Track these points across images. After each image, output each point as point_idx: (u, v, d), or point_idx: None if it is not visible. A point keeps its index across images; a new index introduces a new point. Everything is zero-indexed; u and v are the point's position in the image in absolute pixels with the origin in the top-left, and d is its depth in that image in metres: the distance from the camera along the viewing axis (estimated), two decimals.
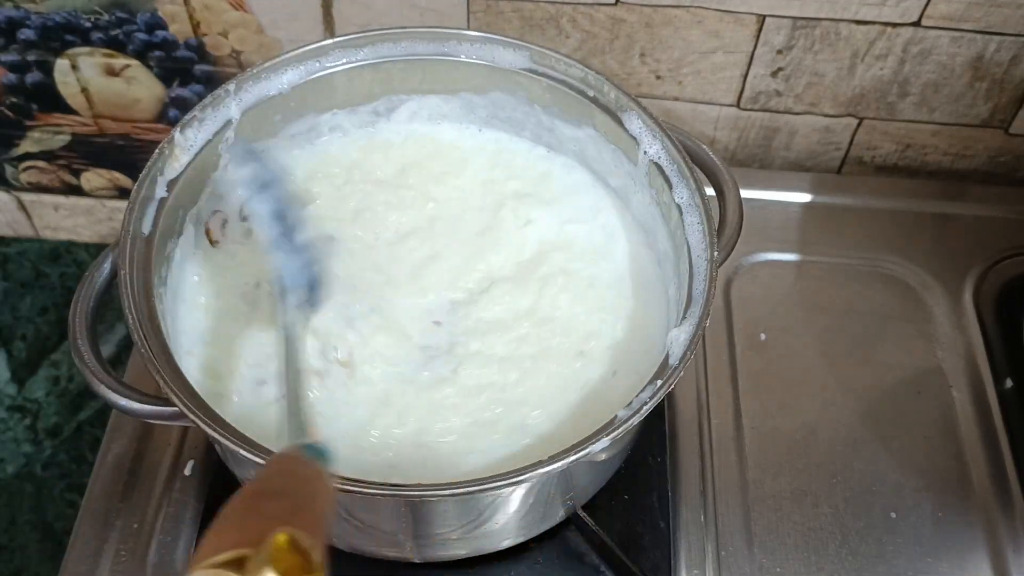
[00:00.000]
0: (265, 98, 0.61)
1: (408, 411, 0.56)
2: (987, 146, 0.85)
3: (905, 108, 0.82)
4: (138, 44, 0.81)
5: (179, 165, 0.57)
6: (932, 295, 0.76)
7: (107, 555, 0.61)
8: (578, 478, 0.57)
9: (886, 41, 0.76)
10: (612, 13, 0.75)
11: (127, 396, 0.50)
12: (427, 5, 0.76)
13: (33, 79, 0.84)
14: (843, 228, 0.80)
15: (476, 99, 0.66)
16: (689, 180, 0.57)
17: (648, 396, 0.48)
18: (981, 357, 0.73)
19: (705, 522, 0.64)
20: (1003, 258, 0.78)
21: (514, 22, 0.76)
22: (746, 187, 0.64)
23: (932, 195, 0.83)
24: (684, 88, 0.81)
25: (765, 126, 0.84)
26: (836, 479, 0.67)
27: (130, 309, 0.50)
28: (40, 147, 0.91)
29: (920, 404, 0.70)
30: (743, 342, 0.73)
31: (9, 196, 0.97)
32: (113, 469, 0.65)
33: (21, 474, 0.94)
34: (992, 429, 0.69)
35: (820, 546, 0.64)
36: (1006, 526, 0.65)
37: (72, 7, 0.78)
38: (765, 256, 0.78)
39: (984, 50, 0.76)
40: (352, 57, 0.63)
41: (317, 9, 0.77)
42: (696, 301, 0.53)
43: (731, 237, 0.58)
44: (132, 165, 0.92)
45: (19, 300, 1.00)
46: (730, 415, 0.69)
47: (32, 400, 0.98)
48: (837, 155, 0.87)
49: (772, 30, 0.76)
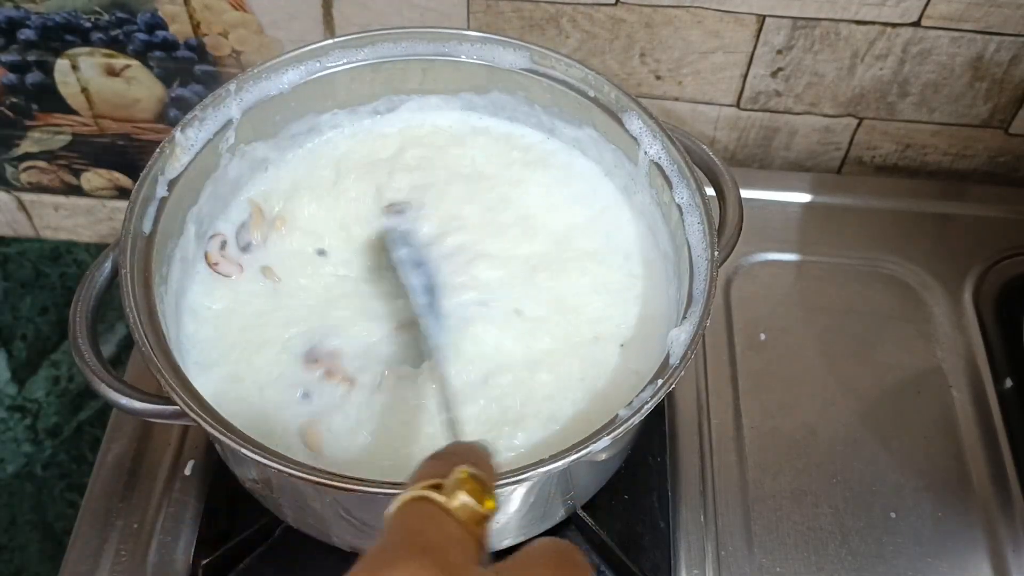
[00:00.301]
0: (265, 98, 0.61)
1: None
2: (987, 146, 0.85)
3: (905, 108, 0.82)
4: (138, 44, 0.81)
5: (180, 165, 0.57)
6: (932, 295, 0.76)
7: (107, 555, 0.61)
8: (578, 478, 0.57)
9: (886, 41, 0.76)
10: (612, 13, 0.75)
11: (128, 395, 0.50)
12: (427, 5, 0.76)
13: (33, 79, 0.84)
14: (843, 228, 0.80)
15: (476, 99, 0.66)
16: (689, 180, 0.57)
17: (648, 396, 0.48)
18: (981, 357, 0.73)
19: (705, 522, 0.64)
20: (1003, 258, 0.78)
21: (514, 22, 0.76)
22: (746, 187, 0.64)
23: (932, 195, 0.83)
24: (684, 88, 0.81)
25: (765, 126, 0.84)
26: (836, 479, 0.67)
27: (130, 308, 0.50)
28: (40, 147, 0.91)
29: (920, 404, 0.71)
30: (743, 342, 0.73)
31: (9, 196, 0.97)
32: (113, 469, 0.65)
33: (21, 474, 0.94)
34: (992, 429, 0.69)
35: (820, 546, 0.64)
36: (1006, 526, 0.65)
37: (72, 7, 0.78)
38: (765, 256, 0.78)
39: (984, 50, 0.76)
40: (352, 57, 0.63)
41: (317, 9, 0.77)
42: (696, 301, 0.53)
43: (731, 237, 0.58)
44: (132, 165, 0.92)
45: (19, 300, 1.00)
46: (730, 415, 0.69)
47: (32, 400, 0.97)
48: (837, 155, 0.87)
49: (772, 30, 0.76)
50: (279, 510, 0.58)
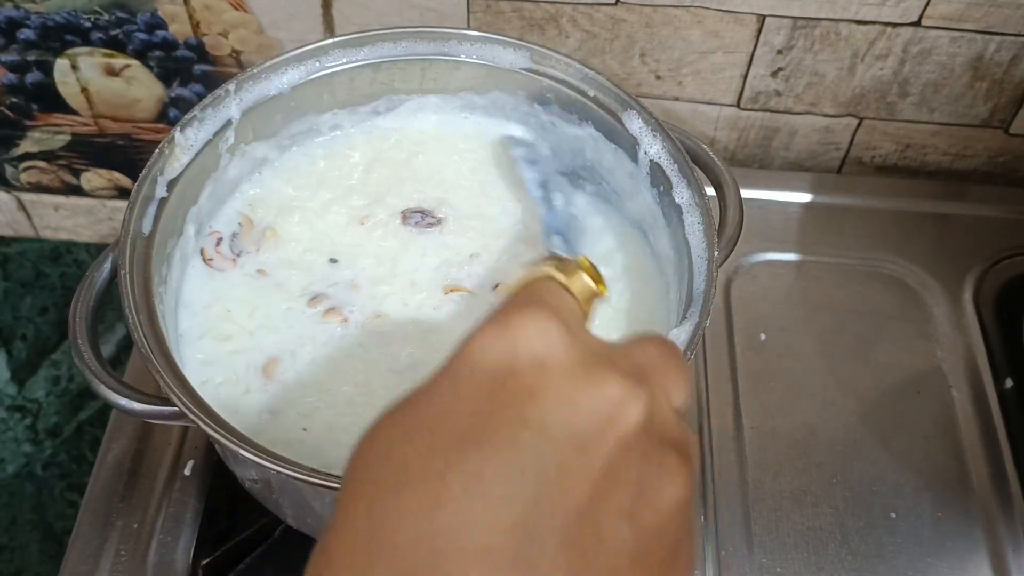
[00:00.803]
0: (265, 98, 0.61)
1: None
2: (987, 146, 0.85)
3: (905, 108, 0.82)
4: (138, 44, 0.81)
5: (179, 165, 0.57)
6: (932, 295, 0.76)
7: (107, 555, 0.61)
8: None
9: (886, 41, 0.76)
10: (612, 13, 0.75)
11: (127, 396, 0.50)
12: (427, 5, 0.76)
13: (33, 79, 0.84)
14: (843, 228, 0.80)
15: (476, 99, 0.66)
16: (689, 180, 0.57)
17: None
18: (981, 357, 0.73)
19: (705, 522, 0.64)
20: (1003, 258, 0.78)
21: (514, 22, 0.76)
22: (746, 187, 0.64)
23: (932, 195, 0.83)
24: (684, 88, 0.81)
25: (765, 126, 0.84)
26: (836, 479, 0.67)
27: (130, 309, 0.50)
28: (40, 147, 0.91)
29: (920, 404, 0.70)
30: (743, 342, 0.73)
31: (9, 196, 0.97)
32: (113, 469, 0.65)
33: (21, 474, 0.94)
34: (992, 429, 0.69)
35: (820, 546, 0.64)
36: (1006, 526, 0.65)
37: (72, 7, 0.78)
38: (765, 256, 0.78)
39: (984, 50, 0.76)
40: (352, 57, 0.63)
41: (317, 9, 0.77)
42: (696, 301, 0.53)
43: (731, 237, 0.58)
44: (132, 165, 0.92)
45: (19, 300, 1.00)
46: (730, 415, 0.69)
47: (32, 400, 0.98)
48: (837, 155, 0.87)
49: (772, 30, 0.76)
50: (279, 510, 0.58)
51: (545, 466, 0.27)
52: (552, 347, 0.29)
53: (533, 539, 0.26)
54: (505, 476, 0.26)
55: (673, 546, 0.29)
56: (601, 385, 0.29)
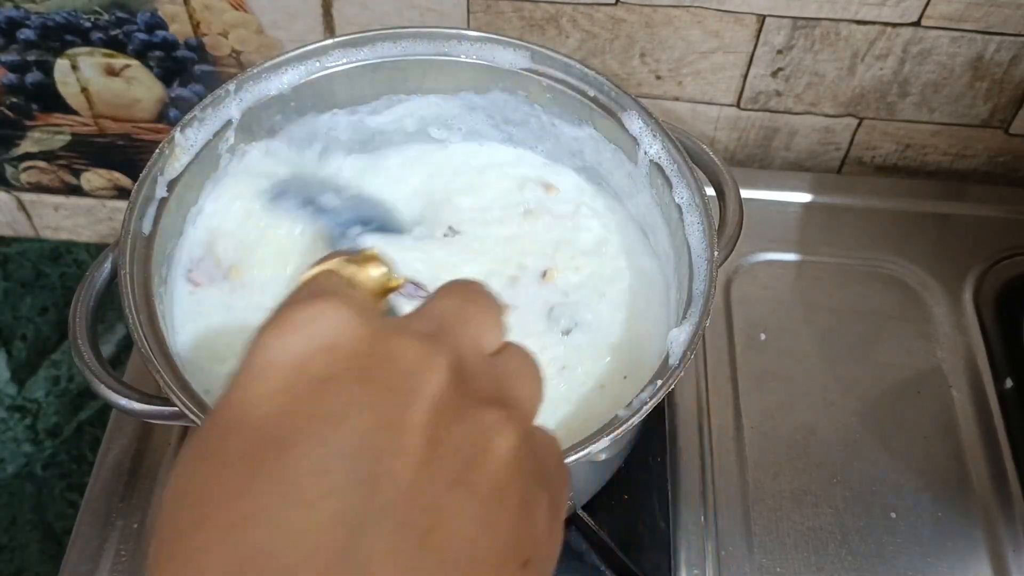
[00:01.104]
0: (265, 98, 0.61)
1: None
2: (987, 146, 0.85)
3: (905, 108, 0.82)
4: (138, 44, 0.81)
5: (179, 165, 0.57)
6: (932, 295, 0.76)
7: (107, 555, 0.61)
8: (578, 478, 0.57)
9: (886, 41, 0.76)
10: (612, 13, 0.75)
11: (127, 396, 0.50)
12: (427, 5, 0.76)
13: (33, 79, 0.84)
14: (843, 228, 0.80)
15: (476, 99, 0.66)
16: (689, 180, 0.57)
17: (648, 396, 0.48)
18: (981, 357, 0.73)
19: (705, 522, 0.64)
20: (1003, 258, 0.78)
21: (514, 22, 0.76)
22: (746, 187, 0.64)
23: (932, 195, 0.83)
24: (684, 88, 0.81)
25: (765, 126, 0.84)
26: (836, 479, 0.67)
27: (130, 309, 0.50)
28: (40, 147, 0.91)
29: (920, 404, 0.70)
30: (743, 342, 0.73)
31: (9, 196, 0.97)
32: (113, 469, 0.65)
33: (21, 474, 0.94)
34: (992, 429, 0.69)
35: (820, 546, 0.64)
36: (1006, 526, 0.65)
37: (72, 7, 0.78)
38: (765, 256, 0.78)
39: (984, 50, 0.76)
40: (352, 57, 0.63)
41: (317, 9, 0.77)
42: (696, 301, 0.53)
43: (731, 237, 0.58)
44: (132, 165, 0.92)
45: (19, 300, 1.00)
46: (730, 415, 0.69)
47: (32, 400, 0.98)
48: (837, 155, 0.87)
49: (772, 30, 0.76)
50: None
51: (356, 454, 0.25)
52: (338, 330, 0.27)
53: (363, 529, 0.24)
54: (316, 473, 0.25)
55: (521, 500, 0.28)
56: (395, 356, 0.27)
